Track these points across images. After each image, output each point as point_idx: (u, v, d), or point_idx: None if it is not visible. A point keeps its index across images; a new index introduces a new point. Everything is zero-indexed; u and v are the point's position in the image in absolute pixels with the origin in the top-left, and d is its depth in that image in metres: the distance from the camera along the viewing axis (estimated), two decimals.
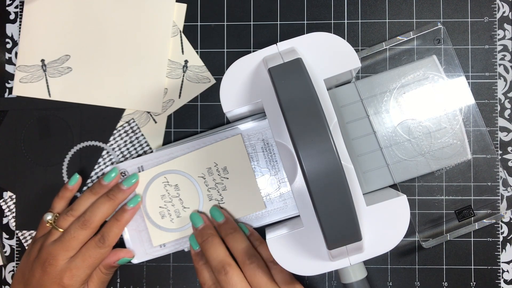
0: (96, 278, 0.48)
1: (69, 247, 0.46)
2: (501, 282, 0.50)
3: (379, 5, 0.51)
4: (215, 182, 0.47)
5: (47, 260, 0.45)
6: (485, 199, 0.50)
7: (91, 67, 0.51)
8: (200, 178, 0.47)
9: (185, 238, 0.48)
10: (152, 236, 0.48)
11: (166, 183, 0.47)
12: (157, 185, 0.47)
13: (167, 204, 0.48)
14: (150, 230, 0.48)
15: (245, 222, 0.48)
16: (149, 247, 0.48)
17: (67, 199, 0.49)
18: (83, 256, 0.46)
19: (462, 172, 0.50)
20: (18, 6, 0.52)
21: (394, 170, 0.46)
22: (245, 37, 0.51)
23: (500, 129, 0.50)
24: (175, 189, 0.47)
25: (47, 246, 0.46)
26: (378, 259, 0.50)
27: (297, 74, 0.39)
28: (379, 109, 0.46)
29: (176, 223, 0.48)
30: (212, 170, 0.47)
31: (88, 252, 0.46)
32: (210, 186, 0.47)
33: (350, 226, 0.38)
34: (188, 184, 0.47)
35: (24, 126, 0.51)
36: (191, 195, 0.47)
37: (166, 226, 0.48)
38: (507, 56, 0.50)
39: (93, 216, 0.46)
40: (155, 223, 0.48)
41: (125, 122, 0.51)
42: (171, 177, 0.47)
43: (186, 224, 0.48)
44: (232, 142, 0.47)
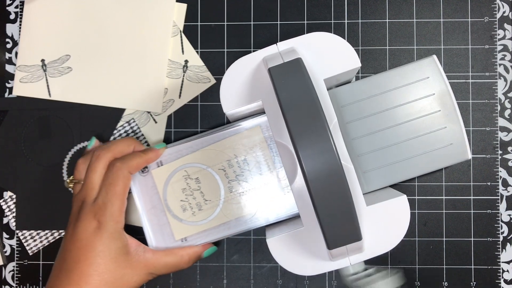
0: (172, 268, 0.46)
1: (92, 185, 0.45)
2: (501, 282, 0.50)
3: (379, 5, 0.51)
4: (235, 174, 0.47)
5: (78, 207, 0.44)
6: (484, 199, 0.50)
7: (92, 67, 0.51)
8: (221, 171, 0.47)
9: (207, 231, 0.47)
10: (174, 230, 0.47)
11: (187, 177, 0.47)
12: (177, 178, 0.47)
13: (188, 197, 0.47)
14: (172, 223, 0.47)
15: (246, 222, 0.48)
16: (171, 241, 0.47)
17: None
18: (105, 187, 0.44)
19: (462, 172, 0.50)
20: (18, 6, 0.52)
21: (394, 170, 0.46)
22: (245, 37, 0.51)
23: (500, 129, 0.50)
24: (196, 182, 0.47)
25: (75, 198, 0.45)
26: (378, 259, 0.50)
27: (297, 74, 0.39)
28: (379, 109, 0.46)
29: (197, 216, 0.47)
30: (232, 162, 0.47)
31: (108, 180, 0.44)
32: (231, 178, 0.47)
33: (350, 226, 0.38)
34: (209, 177, 0.47)
35: (24, 126, 0.51)
36: (212, 187, 0.47)
37: (187, 219, 0.47)
38: (507, 56, 0.50)
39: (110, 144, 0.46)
40: (176, 217, 0.47)
41: (125, 122, 0.51)
42: (192, 170, 0.47)
43: (208, 217, 0.47)
44: (251, 133, 0.47)
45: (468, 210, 0.50)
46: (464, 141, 0.46)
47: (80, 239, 0.43)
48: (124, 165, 0.45)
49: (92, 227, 0.43)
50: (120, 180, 0.44)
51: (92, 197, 0.44)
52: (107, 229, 0.43)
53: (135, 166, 0.45)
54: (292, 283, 0.50)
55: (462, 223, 0.50)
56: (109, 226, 0.43)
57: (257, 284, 0.51)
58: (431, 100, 0.46)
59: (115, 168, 0.44)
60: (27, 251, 0.51)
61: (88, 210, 0.44)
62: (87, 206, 0.44)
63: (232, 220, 0.47)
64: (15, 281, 0.51)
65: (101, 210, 0.43)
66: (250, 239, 0.51)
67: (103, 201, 0.43)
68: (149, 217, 0.47)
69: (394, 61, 0.51)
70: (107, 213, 0.43)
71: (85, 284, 0.42)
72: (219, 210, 0.47)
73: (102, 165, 0.45)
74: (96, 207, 0.43)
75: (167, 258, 0.45)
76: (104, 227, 0.43)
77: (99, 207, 0.43)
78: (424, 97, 0.46)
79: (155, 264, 0.45)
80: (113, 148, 0.46)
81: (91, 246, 0.42)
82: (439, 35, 0.51)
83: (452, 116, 0.46)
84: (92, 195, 0.44)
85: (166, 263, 0.45)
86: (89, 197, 0.44)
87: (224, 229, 0.47)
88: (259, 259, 0.51)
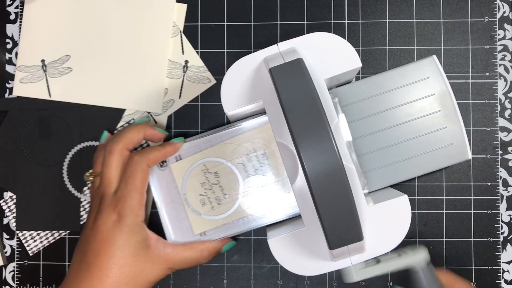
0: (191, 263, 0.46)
1: (109, 179, 0.45)
2: (502, 282, 0.50)
3: (379, 5, 0.51)
4: (254, 168, 0.47)
5: (98, 201, 0.44)
6: (485, 199, 0.50)
7: (92, 67, 0.51)
8: (240, 165, 0.47)
9: (226, 226, 0.47)
10: (193, 224, 0.47)
11: (206, 171, 0.47)
12: (196, 173, 0.47)
13: (207, 191, 0.47)
14: (191, 218, 0.47)
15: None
16: (190, 236, 0.47)
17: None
18: (124, 181, 0.44)
19: (462, 172, 0.50)
20: (18, 6, 0.52)
21: (394, 170, 0.46)
22: (245, 37, 0.51)
23: (500, 129, 0.50)
24: (215, 176, 0.47)
25: (95, 192, 0.45)
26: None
27: (298, 74, 0.39)
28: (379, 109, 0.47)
29: (216, 210, 0.47)
30: (251, 157, 0.47)
31: (127, 173, 0.44)
32: (250, 173, 0.47)
33: (351, 226, 0.38)
34: (227, 171, 0.47)
35: (24, 126, 0.51)
36: (231, 182, 0.47)
37: (206, 213, 0.47)
38: (507, 56, 0.51)
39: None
40: (195, 211, 0.47)
41: (125, 122, 0.51)
42: (211, 165, 0.47)
43: (227, 211, 0.47)
44: (269, 128, 0.47)
45: (468, 210, 0.50)
46: (464, 141, 0.46)
47: (100, 232, 0.43)
48: (142, 158, 0.45)
49: (112, 220, 0.43)
50: (138, 174, 0.44)
51: (111, 190, 0.44)
52: (127, 222, 0.43)
53: (153, 159, 0.45)
54: (292, 283, 0.50)
55: (462, 223, 0.50)
56: (129, 219, 0.43)
57: (257, 284, 0.51)
58: (431, 100, 0.46)
59: (133, 162, 0.44)
60: (27, 251, 0.51)
61: (108, 203, 0.44)
62: (107, 199, 0.44)
63: (251, 215, 0.47)
64: (15, 282, 0.51)
65: (121, 203, 0.43)
66: (250, 239, 0.51)
67: (123, 194, 0.43)
68: (168, 211, 0.47)
69: (394, 61, 0.51)
70: (126, 206, 0.43)
71: (105, 277, 0.42)
72: (238, 205, 0.47)
73: (116, 158, 0.45)
74: (115, 200, 0.44)
75: (187, 253, 0.45)
76: (124, 220, 0.43)
77: (118, 200, 0.43)
78: (424, 97, 0.46)
79: (175, 259, 0.45)
80: (124, 138, 0.46)
81: (112, 239, 0.42)
82: (439, 35, 0.51)
83: (452, 116, 0.46)
84: (111, 188, 0.44)
85: (185, 258, 0.45)
86: (108, 191, 0.44)
87: (243, 224, 0.47)
88: (259, 259, 0.51)
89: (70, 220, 0.51)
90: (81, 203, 0.51)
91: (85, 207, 0.51)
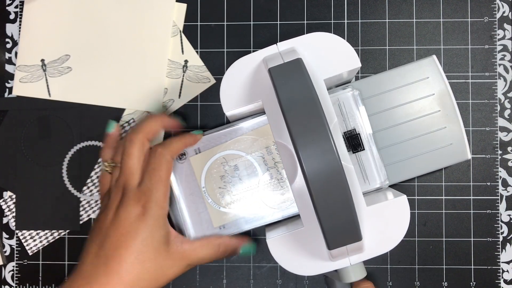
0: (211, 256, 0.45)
1: (131, 170, 0.43)
2: (501, 282, 0.50)
3: (379, 5, 0.51)
4: (274, 161, 0.47)
5: (119, 193, 0.43)
6: (484, 199, 0.50)
7: (91, 67, 0.51)
8: (259, 158, 0.47)
9: (245, 219, 0.47)
10: (212, 217, 0.47)
11: (225, 163, 0.47)
12: (216, 166, 0.47)
13: (227, 184, 0.47)
14: (210, 211, 0.47)
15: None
16: (209, 229, 0.47)
17: (112, 147, 0.47)
18: (149, 173, 0.43)
19: (462, 172, 0.50)
20: (18, 6, 0.52)
21: (394, 170, 0.46)
22: (245, 37, 0.51)
23: (500, 129, 0.50)
24: (234, 169, 0.47)
25: (114, 184, 0.44)
26: (378, 259, 0.50)
27: (298, 74, 0.39)
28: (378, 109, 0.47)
29: (236, 203, 0.47)
30: (271, 149, 0.47)
31: (151, 166, 0.43)
32: (270, 166, 0.47)
33: (350, 226, 0.38)
34: (247, 164, 0.47)
35: (24, 126, 0.51)
36: (251, 174, 0.47)
37: (226, 206, 0.47)
38: (507, 56, 0.50)
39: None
40: (215, 204, 0.47)
41: (125, 122, 0.51)
42: (230, 157, 0.47)
43: (246, 204, 0.47)
44: None
45: (468, 210, 0.50)
46: (464, 141, 0.46)
47: (123, 225, 0.41)
48: (165, 150, 0.44)
49: (136, 213, 0.42)
50: (163, 165, 0.43)
51: (134, 182, 0.43)
52: (152, 215, 0.42)
53: (175, 150, 0.45)
54: (291, 283, 0.50)
55: (462, 223, 0.50)
56: (154, 212, 0.42)
57: (256, 284, 0.51)
58: (431, 100, 0.46)
59: (157, 154, 0.43)
60: (26, 251, 0.51)
61: (132, 195, 0.42)
62: (131, 191, 0.43)
63: (271, 208, 0.47)
64: (14, 281, 0.51)
65: (146, 196, 0.42)
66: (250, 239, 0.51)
67: (147, 187, 0.42)
68: (187, 204, 0.47)
69: (394, 61, 0.51)
70: (152, 198, 0.42)
71: (125, 272, 0.40)
72: (257, 198, 0.47)
73: (138, 148, 0.44)
74: (140, 193, 0.42)
75: (204, 250, 0.44)
76: (149, 213, 0.41)
77: (143, 192, 0.42)
78: (424, 97, 0.46)
79: (192, 256, 0.44)
80: (144, 128, 0.45)
81: (135, 233, 0.41)
82: (438, 35, 0.51)
83: (451, 116, 0.46)
84: (134, 180, 0.43)
85: (203, 255, 0.44)
86: (131, 182, 0.43)
87: (262, 217, 0.47)
88: (258, 259, 0.51)
89: (70, 220, 0.51)
90: (80, 203, 0.51)
91: (85, 207, 0.51)
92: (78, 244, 0.51)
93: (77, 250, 0.51)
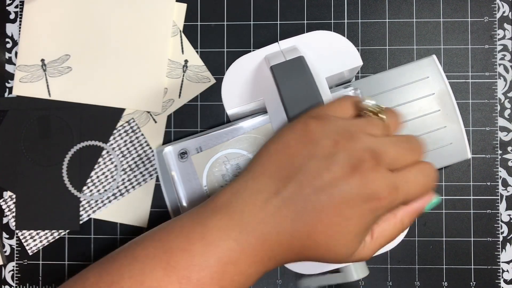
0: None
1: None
2: (501, 282, 0.50)
3: (379, 5, 0.51)
4: None
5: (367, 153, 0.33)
6: (484, 199, 0.50)
7: (91, 66, 0.51)
8: None
9: None
10: None
11: (227, 162, 0.47)
12: (217, 165, 0.47)
13: (228, 183, 0.47)
14: None
15: None
16: None
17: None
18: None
19: (462, 172, 0.50)
20: (18, 6, 0.52)
21: None
22: (245, 37, 0.51)
23: (500, 129, 0.50)
24: (236, 168, 0.47)
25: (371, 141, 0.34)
26: (378, 259, 0.50)
27: (300, 72, 0.39)
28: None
29: None
30: None
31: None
32: None
33: None
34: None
35: (24, 126, 0.51)
36: None
37: None
38: (507, 56, 0.50)
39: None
40: None
41: (125, 122, 0.51)
42: (232, 156, 0.47)
43: None
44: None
45: (468, 210, 0.50)
46: (464, 141, 0.46)
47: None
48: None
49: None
50: None
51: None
52: None
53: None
54: (292, 283, 0.50)
55: (462, 223, 0.50)
56: None
57: (257, 284, 0.51)
58: (431, 100, 0.46)
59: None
60: (26, 251, 0.51)
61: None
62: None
63: None
64: (14, 281, 0.51)
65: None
66: None
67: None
68: (189, 202, 0.47)
69: (394, 61, 0.51)
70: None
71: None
72: None
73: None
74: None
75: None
76: None
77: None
78: (423, 96, 0.46)
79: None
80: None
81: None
82: (438, 35, 0.51)
83: (451, 116, 0.46)
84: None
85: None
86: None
87: None
88: None
89: (70, 220, 0.51)
90: (80, 203, 0.51)
91: (85, 207, 0.51)
92: (78, 244, 0.51)
93: (77, 250, 0.51)
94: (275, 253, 0.33)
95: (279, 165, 0.33)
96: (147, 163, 0.51)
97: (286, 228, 0.33)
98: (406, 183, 0.33)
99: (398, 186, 0.33)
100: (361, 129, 0.33)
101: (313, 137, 0.33)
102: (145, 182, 0.51)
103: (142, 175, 0.51)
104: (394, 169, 0.33)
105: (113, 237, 0.51)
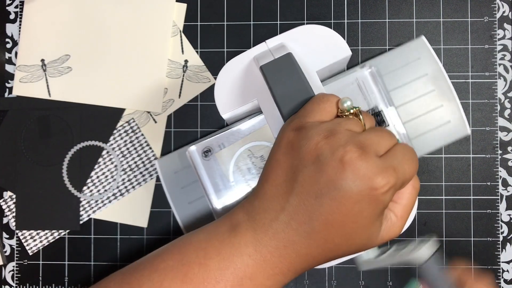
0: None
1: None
2: (501, 282, 0.50)
3: (379, 5, 0.51)
4: None
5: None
6: (484, 198, 0.50)
7: (91, 67, 0.51)
8: None
9: None
10: None
11: (251, 155, 0.47)
12: (242, 159, 0.47)
13: (256, 176, 0.47)
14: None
15: None
16: None
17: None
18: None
19: (462, 171, 0.50)
20: (18, 6, 0.52)
21: None
22: (245, 37, 0.51)
23: (500, 129, 0.50)
24: (261, 160, 0.47)
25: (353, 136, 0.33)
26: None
27: (289, 69, 0.39)
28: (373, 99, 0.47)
29: None
30: None
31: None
32: None
33: None
34: None
35: (24, 126, 0.51)
36: None
37: None
38: (507, 56, 0.50)
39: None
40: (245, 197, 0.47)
41: (125, 122, 0.51)
42: (256, 149, 0.47)
43: None
44: None
45: (468, 210, 0.50)
46: (462, 117, 0.46)
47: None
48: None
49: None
50: None
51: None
52: None
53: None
54: (291, 283, 0.50)
55: (462, 223, 0.50)
56: None
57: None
58: (425, 81, 0.47)
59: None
60: (27, 251, 0.51)
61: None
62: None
63: None
64: (14, 281, 0.51)
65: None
66: None
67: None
68: (218, 199, 0.47)
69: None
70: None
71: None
72: None
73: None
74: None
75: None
76: None
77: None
78: (417, 78, 0.46)
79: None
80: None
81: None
82: (438, 35, 0.51)
83: (447, 94, 0.46)
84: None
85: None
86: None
87: None
88: None
89: (70, 220, 0.51)
90: (80, 203, 0.51)
91: (85, 207, 0.51)
92: (78, 244, 0.51)
93: (77, 250, 0.51)
94: (294, 264, 0.34)
95: (276, 184, 0.34)
96: (147, 163, 0.51)
97: (300, 239, 0.33)
98: (399, 162, 0.33)
99: (394, 166, 0.33)
100: (340, 126, 0.34)
101: (296, 147, 0.34)
102: (145, 182, 0.51)
103: (142, 175, 0.51)
104: (380, 155, 0.33)
105: (113, 237, 0.51)
